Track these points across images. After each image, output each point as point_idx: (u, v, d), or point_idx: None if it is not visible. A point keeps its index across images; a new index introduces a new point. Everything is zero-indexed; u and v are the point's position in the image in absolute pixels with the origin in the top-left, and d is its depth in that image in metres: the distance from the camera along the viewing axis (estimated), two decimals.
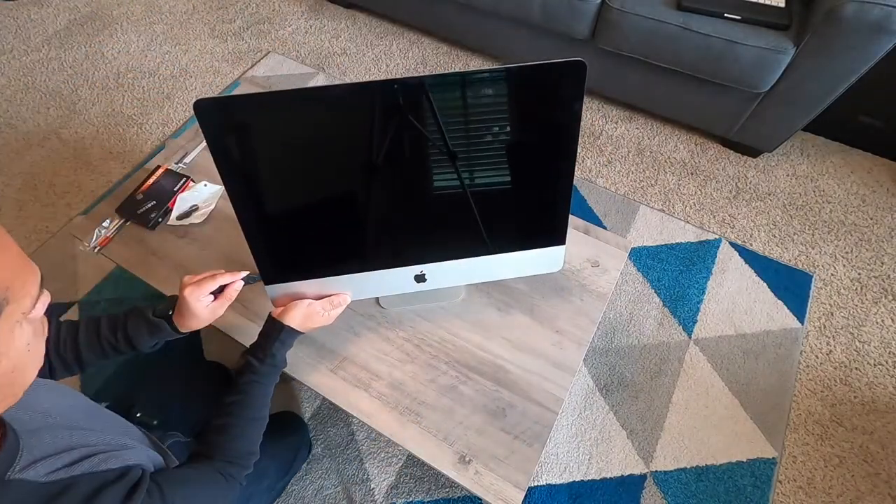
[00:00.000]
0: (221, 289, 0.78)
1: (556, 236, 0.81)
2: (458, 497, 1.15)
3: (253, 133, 0.65)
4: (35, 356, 0.45)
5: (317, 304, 0.82)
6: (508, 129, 0.68)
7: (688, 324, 1.40)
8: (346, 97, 0.64)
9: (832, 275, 1.48)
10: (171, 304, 0.78)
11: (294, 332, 0.79)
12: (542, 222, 0.79)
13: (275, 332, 0.77)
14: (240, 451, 0.71)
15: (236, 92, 1.32)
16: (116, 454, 0.54)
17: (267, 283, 0.80)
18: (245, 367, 0.75)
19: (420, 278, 0.84)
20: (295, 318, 0.79)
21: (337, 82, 0.63)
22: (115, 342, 0.77)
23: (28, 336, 0.43)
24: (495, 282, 0.97)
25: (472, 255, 0.81)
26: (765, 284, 1.46)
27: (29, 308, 0.42)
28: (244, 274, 0.79)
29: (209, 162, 0.91)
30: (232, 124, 0.64)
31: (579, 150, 1.77)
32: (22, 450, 0.46)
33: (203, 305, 0.75)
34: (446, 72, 0.62)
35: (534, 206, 0.77)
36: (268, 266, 0.78)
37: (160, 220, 1.07)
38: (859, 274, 1.48)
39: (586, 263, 1.00)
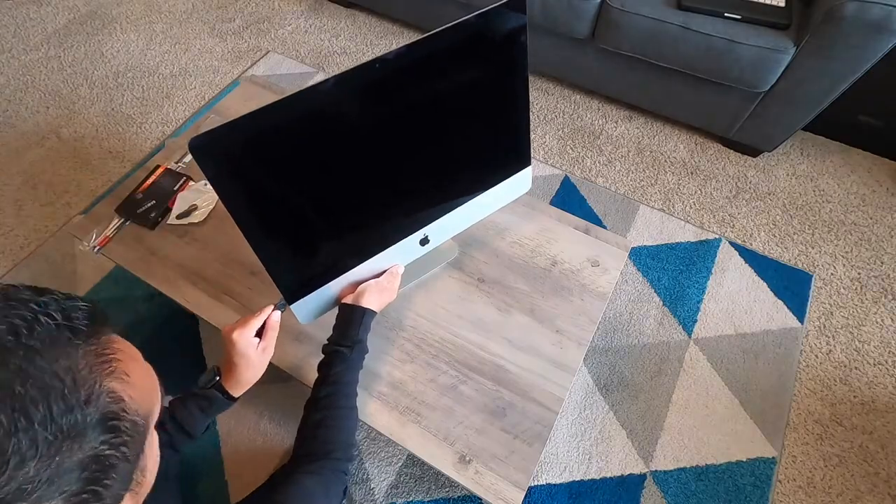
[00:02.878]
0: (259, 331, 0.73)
1: (524, 159, 0.92)
2: (458, 497, 1.15)
3: (254, 153, 0.63)
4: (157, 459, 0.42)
5: (381, 279, 0.83)
6: (474, 72, 0.74)
7: (688, 323, 1.40)
8: (333, 90, 0.63)
9: (832, 274, 1.48)
10: (212, 373, 0.73)
11: (373, 314, 0.79)
12: (513, 149, 0.90)
13: (357, 317, 0.77)
14: (343, 443, 0.70)
15: (236, 91, 1.32)
16: None
17: (292, 301, 0.77)
18: (333, 357, 0.74)
19: (424, 241, 0.88)
20: (370, 299, 0.79)
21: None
22: (170, 437, 0.71)
23: (156, 443, 0.41)
24: (495, 281, 0.97)
25: (463, 201, 0.88)
26: (765, 284, 1.46)
27: (157, 417, 0.40)
28: (276, 304, 0.75)
29: None
30: (233, 152, 0.61)
31: (579, 149, 1.77)
32: None
33: (254, 347, 0.71)
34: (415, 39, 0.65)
35: (506, 136, 0.87)
36: (291, 284, 0.77)
37: (160, 219, 1.07)
38: (859, 273, 1.48)
39: (586, 263, 1.00)
